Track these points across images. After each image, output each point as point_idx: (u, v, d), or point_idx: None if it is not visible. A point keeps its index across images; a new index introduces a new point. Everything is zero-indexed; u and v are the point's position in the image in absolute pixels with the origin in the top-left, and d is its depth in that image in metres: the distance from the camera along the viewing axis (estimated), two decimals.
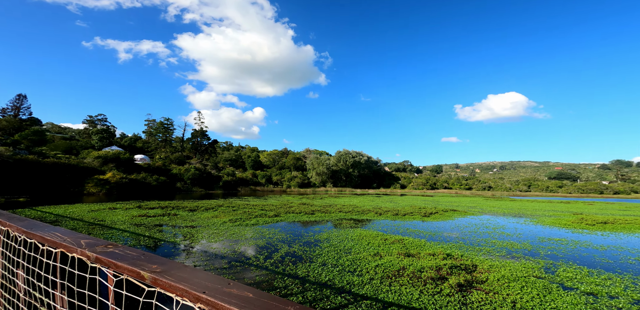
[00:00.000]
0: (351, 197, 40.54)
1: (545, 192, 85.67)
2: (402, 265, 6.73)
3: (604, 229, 14.30)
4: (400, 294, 5.05)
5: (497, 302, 4.48)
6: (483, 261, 7.16)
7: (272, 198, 34.80)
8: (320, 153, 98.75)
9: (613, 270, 6.68)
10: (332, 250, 8.61)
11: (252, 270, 6.71)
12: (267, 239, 10.43)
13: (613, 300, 4.67)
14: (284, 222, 15.19)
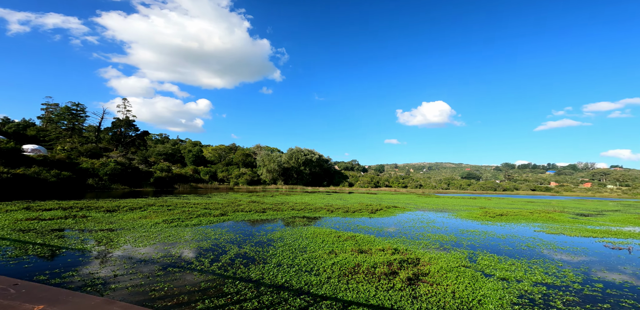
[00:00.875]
0: (303, 195, 40.50)
1: (459, 189, 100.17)
2: (357, 262, 6.87)
3: (501, 220, 17.28)
4: (358, 291, 5.12)
5: (440, 293, 4.89)
6: (424, 254, 7.84)
7: (217, 196, 32.09)
8: (271, 150, 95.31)
9: (514, 256, 8.02)
10: (287, 250, 8.30)
11: (195, 275, 5.97)
12: (213, 240, 9.49)
13: (520, 283, 5.57)
14: (231, 221, 14.09)
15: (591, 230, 13.38)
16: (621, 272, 6.63)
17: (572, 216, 20.36)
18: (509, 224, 15.40)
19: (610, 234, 12.30)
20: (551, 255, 8.28)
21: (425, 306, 4.39)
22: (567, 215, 20.89)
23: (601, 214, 22.36)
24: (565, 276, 6.13)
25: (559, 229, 13.60)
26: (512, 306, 4.41)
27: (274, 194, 41.45)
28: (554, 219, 17.84)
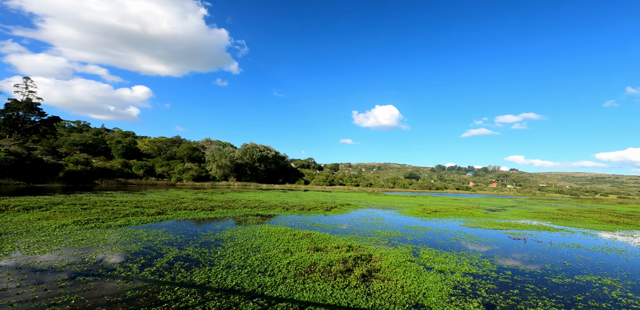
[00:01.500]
0: (257, 192, 39.02)
1: (402, 188, 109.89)
2: (313, 261, 6.76)
3: (435, 216, 19.39)
4: (314, 291, 4.98)
5: (392, 288, 5.09)
6: (375, 250, 8.17)
7: (154, 193, 28.35)
8: (223, 144, 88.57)
9: (447, 249, 8.97)
10: (238, 250, 7.71)
11: (118, 284, 5.08)
12: (145, 242, 8.30)
13: (453, 274, 6.19)
14: (171, 220, 12.59)
15: (498, 223, 15.94)
16: (522, 259, 7.96)
17: (484, 211, 24.03)
18: (442, 220, 17.35)
19: (511, 226, 14.82)
20: (473, 247, 9.51)
21: (379, 303, 4.49)
22: (481, 210, 24.58)
23: (504, 209, 26.97)
24: (484, 266, 7.06)
25: (477, 223, 15.84)
26: (450, 297, 4.83)
27: (225, 191, 38.78)
28: (473, 215, 20.78)
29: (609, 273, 6.69)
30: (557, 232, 13.57)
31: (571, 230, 14.27)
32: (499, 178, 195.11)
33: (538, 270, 6.72)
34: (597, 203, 51.58)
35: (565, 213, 23.74)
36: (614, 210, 29.97)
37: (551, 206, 34.19)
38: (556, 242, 10.85)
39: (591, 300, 4.81)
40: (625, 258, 8.42)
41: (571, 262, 7.74)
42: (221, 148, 75.06)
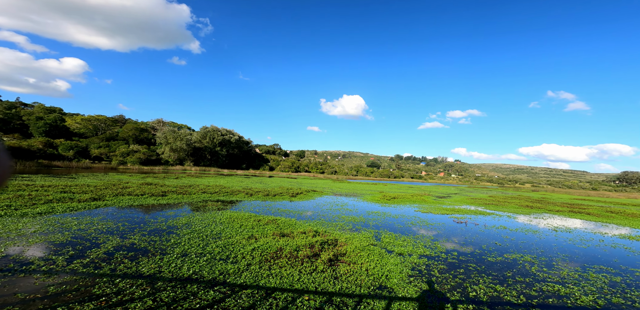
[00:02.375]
0: (217, 178, 36.83)
1: (365, 176, 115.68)
2: (279, 246, 6.60)
3: (394, 202, 20.83)
4: (281, 276, 4.85)
5: (357, 272, 5.22)
6: (341, 235, 8.35)
7: (87, 177, 24.95)
8: (178, 126, 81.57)
9: (404, 233, 9.65)
10: (196, 237, 7.17)
11: (35, 278, 4.32)
12: (75, 232, 7.22)
13: (411, 257, 6.66)
14: (112, 207, 11.18)
15: (445, 208, 17.82)
16: (464, 241, 8.98)
17: (434, 198, 26.68)
18: (399, 206, 18.69)
19: (455, 211, 16.69)
20: (426, 230, 10.43)
21: (345, 286, 4.56)
22: (432, 197, 27.24)
23: (449, 196, 30.34)
24: (436, 248, 7.76)
25: (428, 209, 17.46)
26: (409, 278, 5.16)
27: (180, 176, 35.75)
28: (425, 201, 22.88)
29: (528, 251, 7.95)
30: (489, 215, 15.71)
31: (499, 214, 16.67)
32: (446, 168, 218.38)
33: (477, 251, 7.63)
34: (517, 191, 61.54)
35: (494, 199, 27.66)
36: (529, 197, 36.06)
37: (484, 193, 39.55)
38: (489, 224, 12.53)
39: (518, 276, 5.61)
40: (539, 237, 10.12)
41: (501, 242, 8.99)
42: (175, 130, 68.56)
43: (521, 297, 4.38)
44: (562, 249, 8.44)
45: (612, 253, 8.23)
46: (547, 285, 5.07)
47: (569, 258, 7.32)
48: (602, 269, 6.38)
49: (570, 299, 4.42)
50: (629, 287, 5.21)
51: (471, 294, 4.47)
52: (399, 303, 4.01)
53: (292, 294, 4.17)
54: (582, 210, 21.69)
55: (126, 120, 76.73)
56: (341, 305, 3.88)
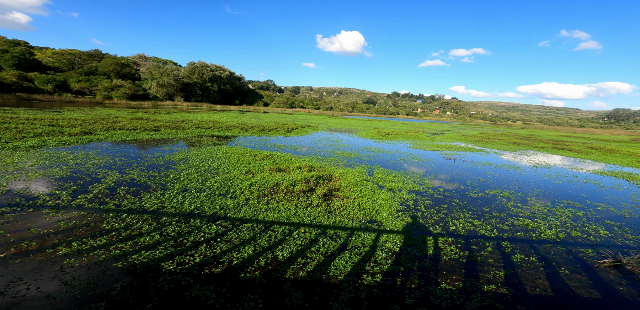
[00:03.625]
0: (210, 113, 35.19)
1: (360, 112, 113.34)
2: (276, 181, 6.72)
3: (388, 138, 20.99)
4: (279, 211, 5.07)
5: (350, 206, 5.47)
6: (335, 170, 8.52)
7: (73, 111, 23.51)
8: (163, 62, 74.69)
9: (396, 169, 9.96)
10: (194, 172, 7.16)
11: (44, 213, 4.36)
12: (73, 166, 7.08)
13: (400, 192, 6.97)
14: (105, 142, 10.82)
15: (437, 145, 18.18)
16: (451, 177, 9.42)
17: (427, 135, 26.98)
18: (393, 142, 18.88)
19: (446, 148, 17.10)
20: (417, 166, 10.78)
21: (339, 219, 4.83)
22: (425, 134, 27.51)
23: (442, 133, 30.74)
24: (424, 183, 8.13)
25: (420, 145, 17.77)
26: (397, 213, 5.49)
27: (171, 111, 34.02)
28: (418, 137, 23.14)
29: (507, 187, 8.47)
30: (477, 152, 16.23)
31: (487, 151, 17.24)
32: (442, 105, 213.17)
33: (461, 187, 8.06)
34: (507, 128, 62.74)
35: (484, 136, 28.23)
36: (518, 134, 36.98)
37: (475, 131, 40.14)
38: (476, 161, 13.02)
39: (494, 211, 6.06)
40: (520, 173, 10.71)
41: (484, 178, 9.48)
42: (160, 65, 63.45)
43: (494, 231, 4.80)
44: (538, 184, 9.03)
45: (582, 188, 8.90)
46: (519, 219, 5.54)
47: (543, 194, 7.88)
48: (570, 204, 6.96)
49: (535, 233, 4.88)
50: (589, 221, 5.76)
51: (451, 228, 4.86)
52: (386, 236, 4.34)
53: (289, 227, 4.42)
54: (565, 147, 22.60)
55: (103, 54, 70.05)
56: (334, 237, 4.18)
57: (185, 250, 3.49)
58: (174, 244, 3.65)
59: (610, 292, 3.09)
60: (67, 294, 2.55)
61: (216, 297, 2.63)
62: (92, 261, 3.14)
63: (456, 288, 3.00)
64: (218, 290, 2.74)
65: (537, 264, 3.70)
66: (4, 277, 2.77)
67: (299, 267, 3.25)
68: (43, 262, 3.10)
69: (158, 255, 3.30)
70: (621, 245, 4.55)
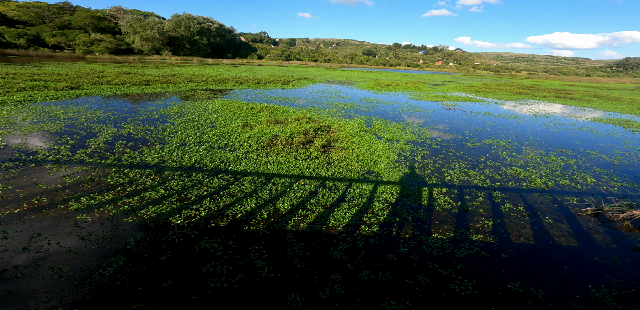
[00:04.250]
0: (202, 67, 31.51)
1: (359, 64, 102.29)
2: (274, 134, 6.25)
3: (387, 89, 19.29)
4: (278, 163, 4.79)
5: (348, 157, 5.16)
6: (334, 121, 7.90)
7: (54, 66, 20.95)
8: (144, 14, 64.09)
9: (395, 120, 9.28)
10: (191, 126, 6.63)
11: (48, 168, 4.10)
12: (65, 120, 6.52)
13: (398, 143, 6.56)
14: (95, 96, 9.86)
15: (437, 96, 16.80)
16: (450, 127, 8.84)
17: (428, 86, 24.80)
18: (392, 93, 17.38)
19: (446, 98, 15.85)
20: (415, 117, 10.05)
21: (337, 171, 4.59)
22: (425, 85, 25.26)
23: (443, 84, 28.25)
24: (422, 134, 7.64)
25: (420, 96, 16.41)
26: (395, 163, 5.21)
27: (160, 65, 30.25)
28: (419, 88, 21.28)
29: (505, 136, 8.01)
30: (477, 102, 15.09)
31: (487, 101, 16.03)
32: (445, 57, 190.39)
33: (459, 137, 7.60)
34: (511, 78, 57.64)
35: (487, 87, 26.00)
36: (521, 84, 34.10)
37: (478, 81, 36.84)
38: (475, 111, 12.16)
39: (489, 161, 5.77)
40: (518, 123, 10.09)
41: (482, 128, 8.92)
42: (141, 18, 55.07)
43: (487, 181, 4.62)
44: (535, 133, 8.56)
45: (578, 136, 8.47)
46: (512, 169, 5.30)
47: (538, 142, 7.50)
48: (563, 152, 6.66)
49: (526, 182, 4.69)
50: (579, 169, 5.55)
51: (446, 178, 4.65)
52: (383, 187, 4.16)
53: (289, 179, 4.21)
54: (567, 96, 21.03)
55: (75, 7, 59.91)
56: (333, 189, 4.00)
57: (191, 205, 3.35)
58: (179, 198, 3.49)
59: (586, 240, 3.06)
60: (87, 249, 2.48)
61: (224, 249, 2.58)
62: (103, 216, 3.01)
63: (447, 238, 2.95)
64: (225, 242, 2.68)
65: (523, 213, 3.61)
66: (24, 233, 2.67)
67: (299, 219, 3.16)
68: (57, 217, 2.96)
69: (165, 210, 3.17)
70: (605, 193, 4.44)
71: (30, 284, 2.04)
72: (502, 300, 2.11)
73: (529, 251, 2.80)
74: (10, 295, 1.93)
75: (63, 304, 1.88)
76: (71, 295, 1.96)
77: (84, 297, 1.95)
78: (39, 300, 1.89)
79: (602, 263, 2.66)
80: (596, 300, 2.15)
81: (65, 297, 1.94)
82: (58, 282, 2.06)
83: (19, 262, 2.26)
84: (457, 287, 2.22)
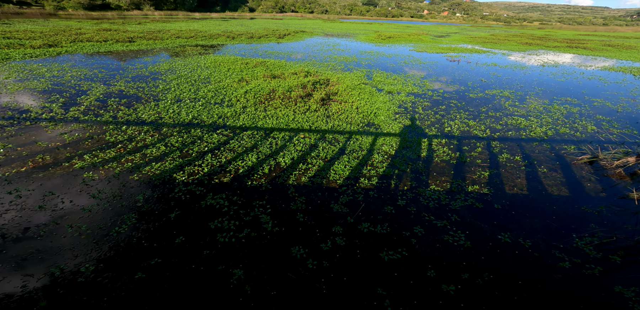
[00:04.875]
0: (189, 22, 26.49)
1: (359, 15, 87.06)
2: (271, 88, 5.55)
3: (389, 42, 16.73)
4: (277, 117, 4.34)
5: (348, 110, 4.65)
6: (332, 75, 6.97)
7: (25, 23, 17.72)
8: None
9: (396, 72, 8.21)
10: (184, 83, 5.89)
11: (44, 126, 3.74)
12: (51, 79, 5.78)
13: (399, 95, 5.87)
14: (77, 54, 8.58)
15: (441, 47, 14.65)
16: (452, 79, 7.85)
17: (432, 38, 21.45)
18: (394, 45, 15.11)
19: (450, 50, 13.86)
20: (417, 69, 8.87)
21: (337, 124, 4.17)
22: (429, 37, 21.82)
23: (448, 36, 24.43)
24: (424, 86, 6.81)
25: (423, 48, 14.30)
26: (395, 115, 4.71)
27: (142, 21, 25.48)
28: (422, 40, 18.44)
29: (509, 86, 7.17)
30: (484, 54, 13.23)
31: (494, 52, 14.03)
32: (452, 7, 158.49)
33: (462, 88, 6.80)
34: (522, 29, 49.65)
35: (494, 38, 22.51)
36: (532, 34, 29.45)
37: (485, 32, 31.78)
38: (481, 62, 10.72)
39: (491, 111, 5.23)
40: (524, 73, 8.96)
41: (487, 79, 7.95)
42: None
43: (487, 131, 4.23)
44: (541, 83, 7.66)
45: (585, 85, 7.61)
46: (513, 119, 4.83)
47: (543, 92, 6.75)
48: (567, 101, 6.03)
49: (525, 131, 4.31)
50: (580, 117, 5.07)
51: (446, 129, 4.25)
52: (383, 139, 3.82)
53: (289, 133, 3.85)
54: (579, 45, 18.34)
55: None
56: (333, 142, 3.67)
57: (193, 161, 3.09)
58: (180, 154, 3.21)
59: (577, 189, 2.88)
60: (99, 207, 2.35)
61: (229, 204, 2.44)
62: (109, 174, 2.80)
63: (444, 189, 2.78)
64: (230, 198, 2.52)
65: (520, 163, 3.36)
66: (36, 191, 2.50)
67: (300, 173, 2.94)
68: (64, 176, 2.75)
69: (168, 167, 2.94)
70: (604, 140, 4.11)
71: (54, 242, 1.96)
72: (492, 250, 2.04)
73: (521, 202, 2.66)
74: (39, 253, 1.87)
75: (88, 261, 1.83)
76: (94, 252, 1.90)
77: (106, 253, 1.89)
78: (66, 257, 1.84)
79: (589, 212, 2.54)
80: (578, 249, 2.07)
81: (88, 254, 1.88)
82: (79, 240, 1.98)
83: (39, 221, 2.15)
84: (450, 238, 2.14)
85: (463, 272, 1.85)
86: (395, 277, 1.79)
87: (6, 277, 1.67)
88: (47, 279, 1.68)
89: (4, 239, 1.95)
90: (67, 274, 1.72)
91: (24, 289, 1.61)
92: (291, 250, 1.96)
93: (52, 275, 1.70)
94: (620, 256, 2.04)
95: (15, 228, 2.06)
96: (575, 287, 1.78)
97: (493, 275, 1.83)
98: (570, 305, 1.66)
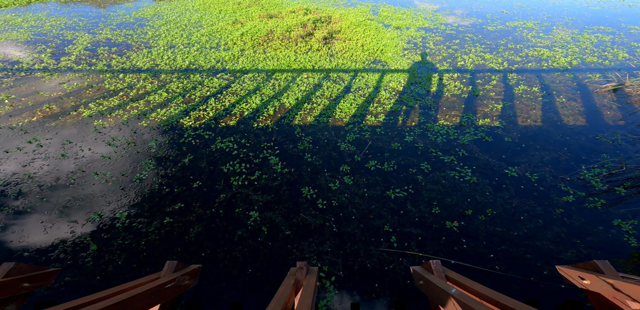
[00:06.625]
0: None
1: None
2: (269, 29, 4.11)
3: None
4: (278, 58, 3.31)
5: (352, 48, 3.47)
6: (334, 11, 5.02)
7: None
8: None
9: (404, 6, 5.86)
10: (174, 28, 4.43)
11: (40, 77, 2.99)
12: (31, 29, 4.43)
13: (408, 30, 4.29)
14: (50, 2, 6.28)
15: None
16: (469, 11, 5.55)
17: None
18: None
19: None
20: (430, 2, 6.28)
21: (341, 62, 3.15)
22: None
23: None
24: (436, 20, 4.91)
25: None
26: (403, 51, 3.50)
27: None
28: None
29: (534, 17, 5.10)
30: None
31: None
32: None
33: (479, 21, 4.87)
34: None
35: None
36: None
37: None
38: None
39: (511, 43, 3.81)
40: (554, 2, 6.27)
41: (509, 10, 5.64)
42: None
43: (504, 64, 3.14)
44: (572, 12, 5.42)
45: (624, 12, 5.35)
46: (534, 50, 3.54)
47: (573, 21, 4.81)
48: (600, 30, 4.31)
49: (547, 62, 3.18)
50: (612, 45, 3.66)
51: (459, 63, 3.18)
52: (390, 75, 2.91)
53: (292, 74, 2.97)
54: None
55: None
56: (338, 81, 2.84)
57: (197, 106, 2.49)
58: (183, 100, 2.58)
59: (595, 117, 2.21)
60: (117, 154, 1.98)
61: (238, 147, 2.02)
62: (118, 122, 2.31)
63: (453, 124, 2.19)
64: (238, 141, 2.08)
65: (537, 94, 2.56)
66: (54, 140, 2.11)
67: (306, 113, 2.35)
68: (76, 124, 2.28)
69: (174, 112, 2.39)
70: (635, 67, 3.02)
71: (85, 189, 1.70)
72: (497, 185, 1.67)
73: (533, 134, 2.09)
74: (75, 200, 1.63)
75: (121, 207, 1.59)
76: (123, 198, 1.65)
77: (134, 199, 1.64)
78: (101, 204, 1.61)
79: (603, 141, 1.99)
80: (584, 182, 1.66)
81: (119, 200, 1.63)
82: (107, 187, 1.71)
83: (67, 169, 1.85)
84: (457, 174, 1.74)
85: (467, 208, 1.57)
86: (401, 214, 1.54)
87: (55, 223, 1.52)
88: (90, 224, 1.52)
89: (41, 189, 1.72)
90: (105, 219, 1.55)
91: (73, 234, 1.47)
92: (302, 191, 1.69)
93: (94, 221, 1.53)
94: (625, 187, 1.66)
95: (47, 177, 1.80)
96: (574, 221, 1.49)
97: (496, 211, 1.55)
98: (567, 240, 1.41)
